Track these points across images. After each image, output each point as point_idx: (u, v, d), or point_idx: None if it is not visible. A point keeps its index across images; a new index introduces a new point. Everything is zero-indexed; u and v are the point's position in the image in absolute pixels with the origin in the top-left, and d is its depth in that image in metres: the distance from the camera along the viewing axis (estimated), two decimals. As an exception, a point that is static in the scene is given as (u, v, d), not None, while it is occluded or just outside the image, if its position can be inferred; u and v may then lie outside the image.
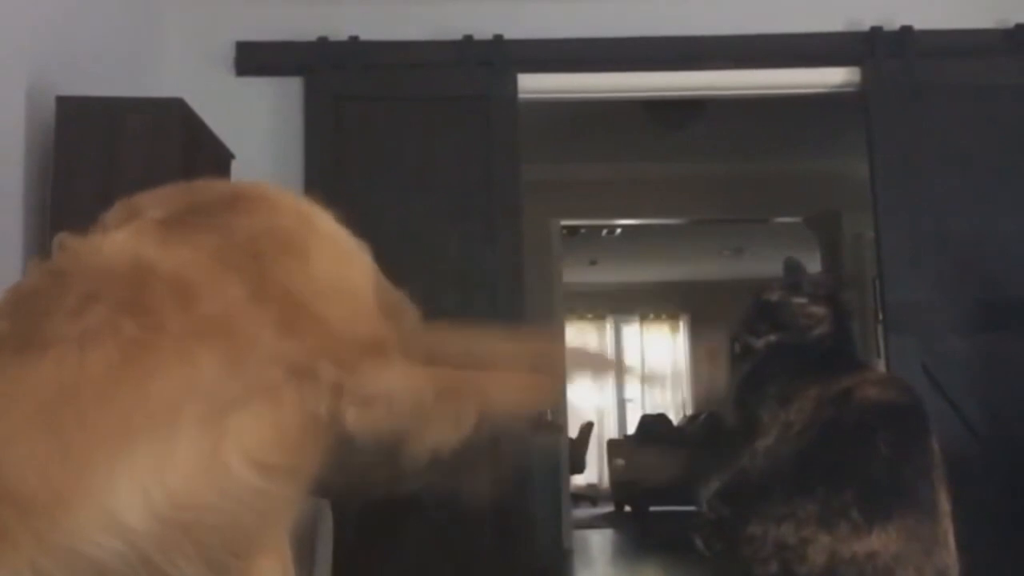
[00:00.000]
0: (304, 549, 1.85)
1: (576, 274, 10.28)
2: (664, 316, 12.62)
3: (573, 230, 8.31)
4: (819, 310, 2.37)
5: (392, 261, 1.19)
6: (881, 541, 1.93)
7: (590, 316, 12.40)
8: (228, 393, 0.95)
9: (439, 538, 3.39)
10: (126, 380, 0.93)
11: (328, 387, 0.98)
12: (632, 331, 12.67)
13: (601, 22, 3.75)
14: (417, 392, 1.03)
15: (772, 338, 2.39)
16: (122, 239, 1.02)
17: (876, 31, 3.69)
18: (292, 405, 0.98)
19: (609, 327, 12.59)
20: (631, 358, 12.40)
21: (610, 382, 12.22)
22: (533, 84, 3.76)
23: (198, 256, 1.01)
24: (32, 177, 2.60)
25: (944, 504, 2.02)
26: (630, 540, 8.19)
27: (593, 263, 10.58)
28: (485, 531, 3.43)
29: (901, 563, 1.92)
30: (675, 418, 11.66)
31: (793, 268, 2.51)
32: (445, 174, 3.64)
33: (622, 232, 8.87)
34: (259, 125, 3.65)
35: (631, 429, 11.38)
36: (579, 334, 11.89)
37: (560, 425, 6.71)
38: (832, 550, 1.94)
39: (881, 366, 3.78)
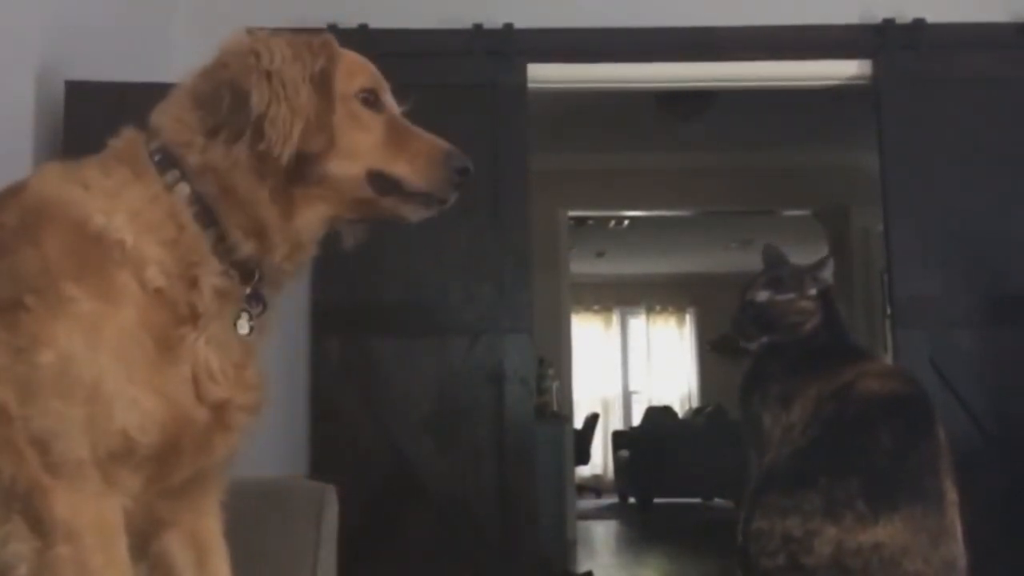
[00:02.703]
0: (309, 535, 1.85)
1: (583, 265, 10.27)
2: (671, 308, 12.60)
3: (581, 221, 8.30)
4: (808, 304, 2.34)
5: (398, 250, 1.19)
6: (887, 532, 1.92)
7: (597, 308, 12.39)
8: None
9: (444, 527, 3.40)
10: None
11: None
12: (638, 323, 12.65)
13: (611, 12, 3.73)
14: None
15: (764, 340, 2.37)
16: None
17: (888, 23, 3.67)
18: None
19: (615, 319, 12.58)
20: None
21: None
22: (542, 74, 3.74)
23: None
24: (41, 161, 2.59)
25: (951, 495, 2.00)
26: (634, 531, 8.20)
27: (600, 254, 10.57)
28: (490, 521, 3.44)
29: (908, 554, 1.91)
30: (680, 411, 11.66)
31: (773, 258, 2.48)
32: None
33: (630, 223, 8.85)
34: (268, 111, 3.63)
35: (636, 421, 11.39)
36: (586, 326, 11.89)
37: (565, 416, 6.72)
38: (838, 541, 1.93)
39: (889, 360, 3.76)
